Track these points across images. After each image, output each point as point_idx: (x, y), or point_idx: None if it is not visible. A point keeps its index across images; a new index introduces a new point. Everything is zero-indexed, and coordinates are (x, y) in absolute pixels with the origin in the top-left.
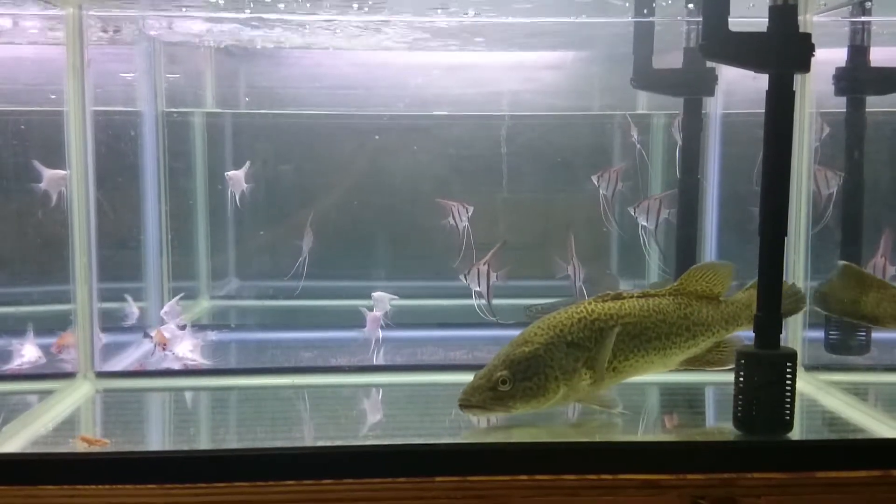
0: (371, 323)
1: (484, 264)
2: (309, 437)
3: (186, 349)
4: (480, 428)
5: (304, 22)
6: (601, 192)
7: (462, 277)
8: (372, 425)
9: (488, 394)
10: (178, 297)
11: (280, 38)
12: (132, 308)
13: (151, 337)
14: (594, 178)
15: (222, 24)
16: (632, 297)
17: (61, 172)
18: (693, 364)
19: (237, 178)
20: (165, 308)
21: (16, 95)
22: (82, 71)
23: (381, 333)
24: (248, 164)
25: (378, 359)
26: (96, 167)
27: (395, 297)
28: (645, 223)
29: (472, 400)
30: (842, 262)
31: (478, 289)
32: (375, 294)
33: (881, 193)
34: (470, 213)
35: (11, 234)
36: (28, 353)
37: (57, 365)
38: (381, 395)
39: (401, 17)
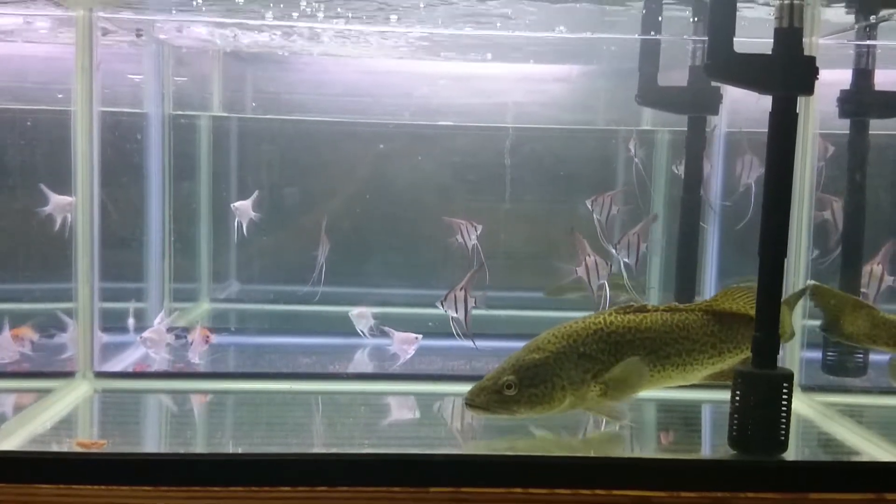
0: (400, 343)
1: (461, 289)
2: (305, 443)
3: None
4: (475, 440)
5: (312, 29)
6: (595, 216)
7: (439, 304)
8: (368, 433)
9: (493, 396)
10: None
11: (288, 44)
12: (129, 318)
13: (186, 336)
14: (588, 203)
15: (230, 29)
16: (657, 310)
17: (68, 199)
18: (719, 378)
19: (244, 208)
20: (157, 319)
21: (24, 93)
22: (91, 71)
23: (412, 352)
24: (255, 193)
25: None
26: (102, 167)
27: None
28: (626, 259)
29: (477, 400)
30: (810, 283)
31: (455, 315)
32: (354, 311)
33: (883, 216)
34: (479, 231)
35: (16, 231)
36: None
37: (55, 364)
38: (378, 403)
39: (409, 29)
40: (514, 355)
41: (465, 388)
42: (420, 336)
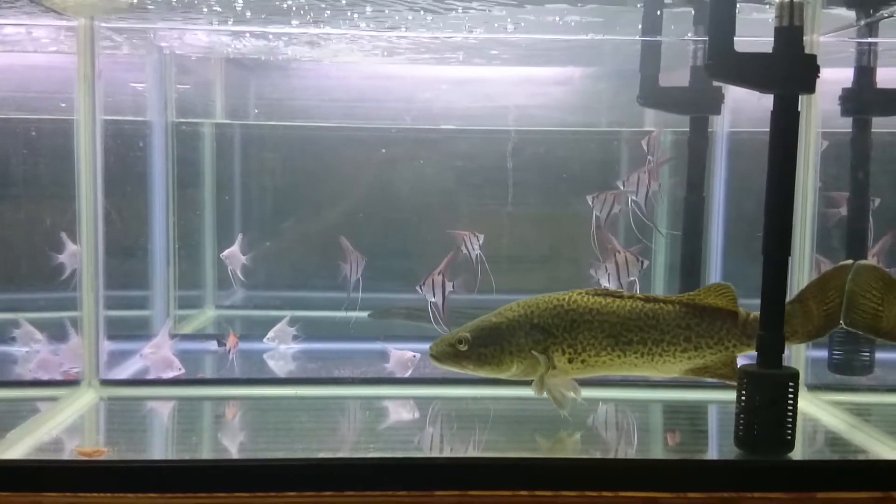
0: (397, 362)
1: (438, 274)
2: (310, 448)
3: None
4: (481, 443)
5: (314, 35)
6: (595, 213)
7: (418, 288)
8: (373, 437)
9: (448, 349)
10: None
11: (290, 50)
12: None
13: (224, 343)
14: (589, 199)
15: (232, 36)
16: (632, 297)
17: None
18: (701, 374)
19: (233, 254)
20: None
21: (27, 103)
22: (93, 80)
23: (409, 373)
24: (240, 236)
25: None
26: (105, 176)
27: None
28: (615, 285)
29: (434, 350)
30: (861, 262)
31: (433, 299)
32: (270, 334)
33: (887, 213)
34: (481, 241)
35: (20, 240)
36: None
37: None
38: (383, 407)
39: (410, 33)
40: (480, 317)
41: (471, 391)
42: (417, 355)
